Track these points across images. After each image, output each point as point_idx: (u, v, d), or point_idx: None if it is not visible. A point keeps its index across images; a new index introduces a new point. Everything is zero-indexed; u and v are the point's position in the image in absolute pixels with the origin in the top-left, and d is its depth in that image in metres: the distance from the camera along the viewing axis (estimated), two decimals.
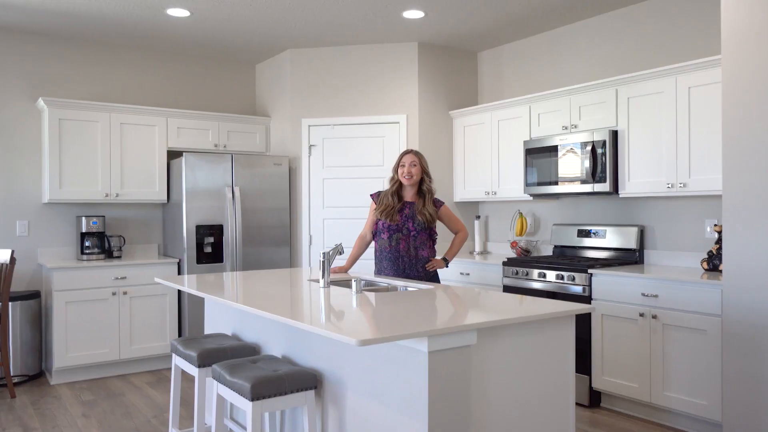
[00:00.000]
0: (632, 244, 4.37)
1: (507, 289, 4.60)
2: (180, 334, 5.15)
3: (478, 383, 2.19)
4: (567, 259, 4.51)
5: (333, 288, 3.18)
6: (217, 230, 5.16)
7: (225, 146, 5.64)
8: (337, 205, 5.51)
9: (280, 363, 2.75)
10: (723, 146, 3.18)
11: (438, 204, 3.72)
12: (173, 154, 5.43)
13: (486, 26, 5.02)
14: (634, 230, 4.37)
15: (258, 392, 2.44)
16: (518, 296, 2.79)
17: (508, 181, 5.04)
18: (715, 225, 3.87)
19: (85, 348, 4.75)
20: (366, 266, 5.17)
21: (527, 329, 2.36)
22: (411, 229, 3.62)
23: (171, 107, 5.58)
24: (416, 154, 3.66)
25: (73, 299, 4.71)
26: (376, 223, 3.72)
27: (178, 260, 5.14)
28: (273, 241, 5.41)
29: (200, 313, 5.06)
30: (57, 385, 4.65)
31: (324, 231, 5.53)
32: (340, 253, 3.34)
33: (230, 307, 3.50)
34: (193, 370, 3.06)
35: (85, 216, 5.09)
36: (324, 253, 3.19)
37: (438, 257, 3.74)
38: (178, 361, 3.24)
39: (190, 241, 5.05)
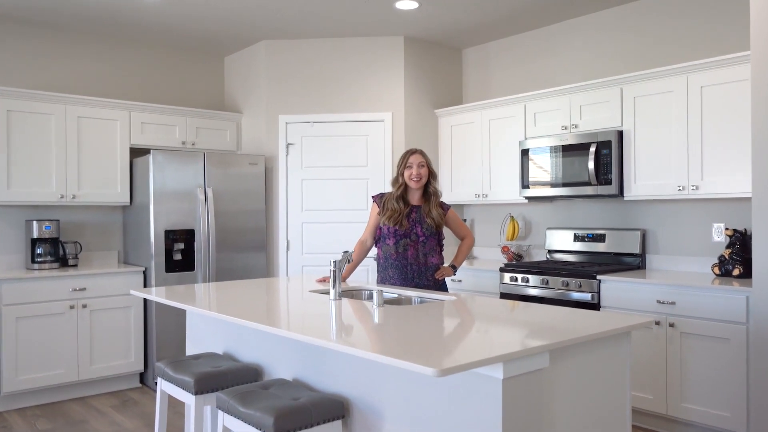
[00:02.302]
0: (634, 248, 4.22)
1: (504, 296, 4.37)
2: (146, 351, 4.67)
3: (546, 409, 1.92)
4: (569, 264, 4.32)
5: (345, 301, 2.85)
6: (187, 235, 4.71)
7: (193, 144, 5.19)
8: (317, 208, 5.15)
9: (296, 389, 2.40)
10: (753, 146, 3.05)
11: (445, 207, 3.45)
12: (136, 152, 4.94)
13: (478, 21, 4.79)
14: (637, 234, 4.22)
15: (282, 426, 2.09)
16: (565, 308, 2.54)
17: (501, 183, 4.82)
18: (726, 229, 3.75)
19: (39, 369, 4.21)
20: (358, 274, 4.87)
21: (589, 346, 2.11)
22: (419, 234, 3.32)
23: (134, 100, 5.09)
24: (422, 153, 3.38)
25: (25, 314, 4.17)
26: (379, 228, 3.41)
27: (143, 269, 4.66)
28: (248, 247, 5.01)
29: (170, 327, 4.60)
30: (6, 413, 4.09)
31: (303, 236, 5.16)
32: (349, 261, 3.02)
33: (219, 323, 3.11)
34: (186, 397, 2.66)
35: (37, 220, 4.54)
36: (334, 261, 2.86)
37: (445, 265, 3.46)
38: (165, 387, 2.83)
39: (159, 247, 4.58)
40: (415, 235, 3.33)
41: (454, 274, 3.48)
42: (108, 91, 5.09)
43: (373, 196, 3.52)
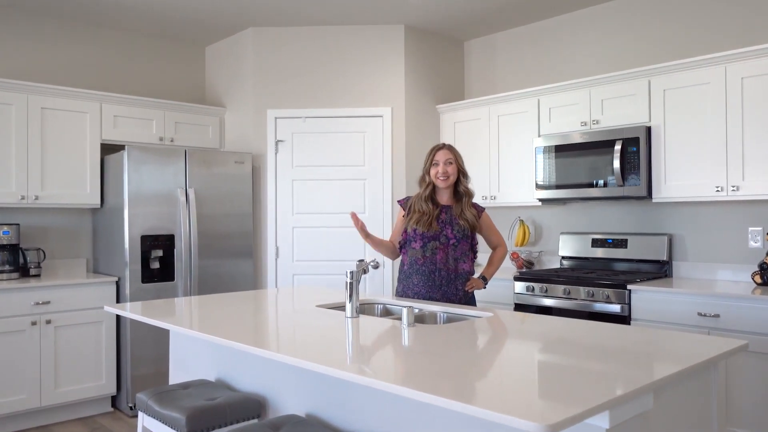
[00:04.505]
0: (661, 255, 3.89)
1: (519, 307, 3.99)
2: (119, 372, 4.15)
3: None
4: (591, 273, 3.96)
5: (364, 318, 2.43)
6: (166, 241, 4.22)
7: (172, 140, 4.70)
8: (310, 212, 4.71)
9: (314, 429, 1.97)
10: None
11: (479, 209, 3.05)
12: (108, 149, 4.43)
13: (484, 8, 4.41)
14: (663, 239, 3.89)
15: None
16: (632, 327, 2.16)
17: (511, 184, 4.45)
18: None
19: None
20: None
21: (685, 376, 1.73)
22: (450, 236, 2.92)
23: (106, 91, 4.57)
24: (450, 149, 2.99)
25: None
26: (405, 231, 3.01)
27: (116, 279, 4.15)
28: (234, 254, 4.53)
29: (147, 343, 4.10)
30: None
31: (294, 241, 4.71)
32: (365, 272, 2.60)
33: (210, 345, 2.65)
34: None
35: None
36: (351, 273, 2.44)
37: (475, 276, 3.06)
38: (149, 423, 2.37)
39: (134, 254, 4.08)
40: (445, 238, 2.92)
41: (485, 287, 3.08)
42: (76, 80, 4.57)
43: (399, 201, 3.16)
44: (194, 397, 2.33)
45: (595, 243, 4.21)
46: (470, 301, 2.99)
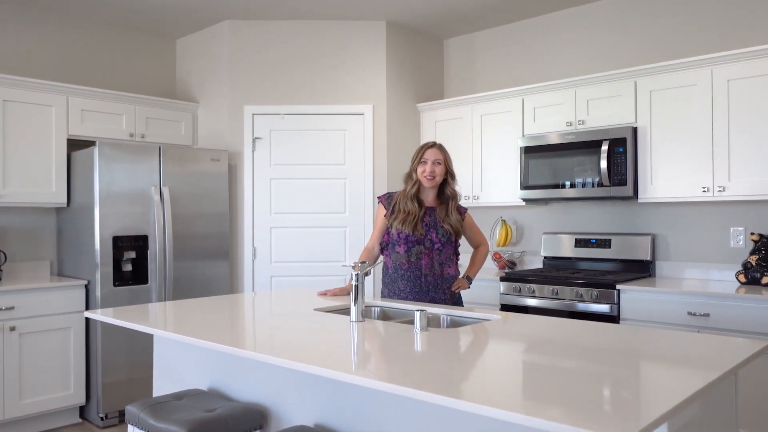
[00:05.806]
0: (644, 255, 3.92)
1: (505, 308, 3.96)
2: (89, 380, 3.92)
3: None
4: (577, 273, 3.96)
5: (370, 323, 2.33)
6: (140, 242, 4.02)
7: (143, 136, 4.49)
8: (288, 211, 4.57)
9: None
10: None
11: (462, 211, 3.00)
12: (75, 145, 4.19)
13: (465, 6, 4.37)
14: (647, 239, 3.93)
15: None
16: (650, 329, 2.13)
17: (495, 183, 4.42)
18: (751, 234, 3.50)
19: None
20: (332, 284, 4.34)
21: (720, 381, 1.71)
22: (435, 240, 2.86)
23: (73, 83, 4.32)
24: (441, 148, 2.93)
25: None
26: (387, 233, 2.93)
27: (86, 282, 3.93)
28: (210, 255, 4.35)
29: (119, 350, 3.89)
30: None
31: (272, 242, 4.56)
32: (367, 274, 2.50)
33: (200, 352, 2.51)
34: None
35: None
36: (356, 275, 2.34)
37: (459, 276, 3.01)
38: None
39: (105, 256, 3.86)
40: (429, 242, 2.86)
41: (469, 287, 3.03)
42: (41, 72, 4.31)
43: (379, 197, 3.05)
44: (191, 409, 2.19)
45: (579, 243, 4.21)
46: (457, 302, 2.94)
